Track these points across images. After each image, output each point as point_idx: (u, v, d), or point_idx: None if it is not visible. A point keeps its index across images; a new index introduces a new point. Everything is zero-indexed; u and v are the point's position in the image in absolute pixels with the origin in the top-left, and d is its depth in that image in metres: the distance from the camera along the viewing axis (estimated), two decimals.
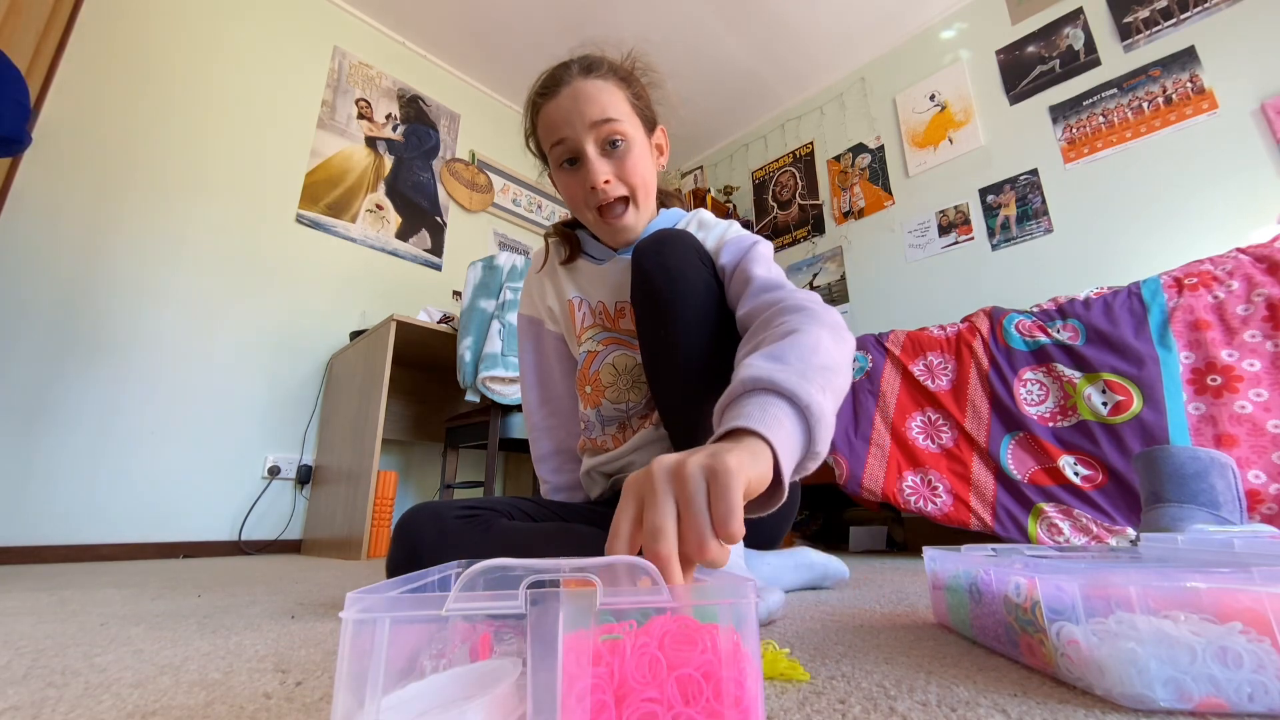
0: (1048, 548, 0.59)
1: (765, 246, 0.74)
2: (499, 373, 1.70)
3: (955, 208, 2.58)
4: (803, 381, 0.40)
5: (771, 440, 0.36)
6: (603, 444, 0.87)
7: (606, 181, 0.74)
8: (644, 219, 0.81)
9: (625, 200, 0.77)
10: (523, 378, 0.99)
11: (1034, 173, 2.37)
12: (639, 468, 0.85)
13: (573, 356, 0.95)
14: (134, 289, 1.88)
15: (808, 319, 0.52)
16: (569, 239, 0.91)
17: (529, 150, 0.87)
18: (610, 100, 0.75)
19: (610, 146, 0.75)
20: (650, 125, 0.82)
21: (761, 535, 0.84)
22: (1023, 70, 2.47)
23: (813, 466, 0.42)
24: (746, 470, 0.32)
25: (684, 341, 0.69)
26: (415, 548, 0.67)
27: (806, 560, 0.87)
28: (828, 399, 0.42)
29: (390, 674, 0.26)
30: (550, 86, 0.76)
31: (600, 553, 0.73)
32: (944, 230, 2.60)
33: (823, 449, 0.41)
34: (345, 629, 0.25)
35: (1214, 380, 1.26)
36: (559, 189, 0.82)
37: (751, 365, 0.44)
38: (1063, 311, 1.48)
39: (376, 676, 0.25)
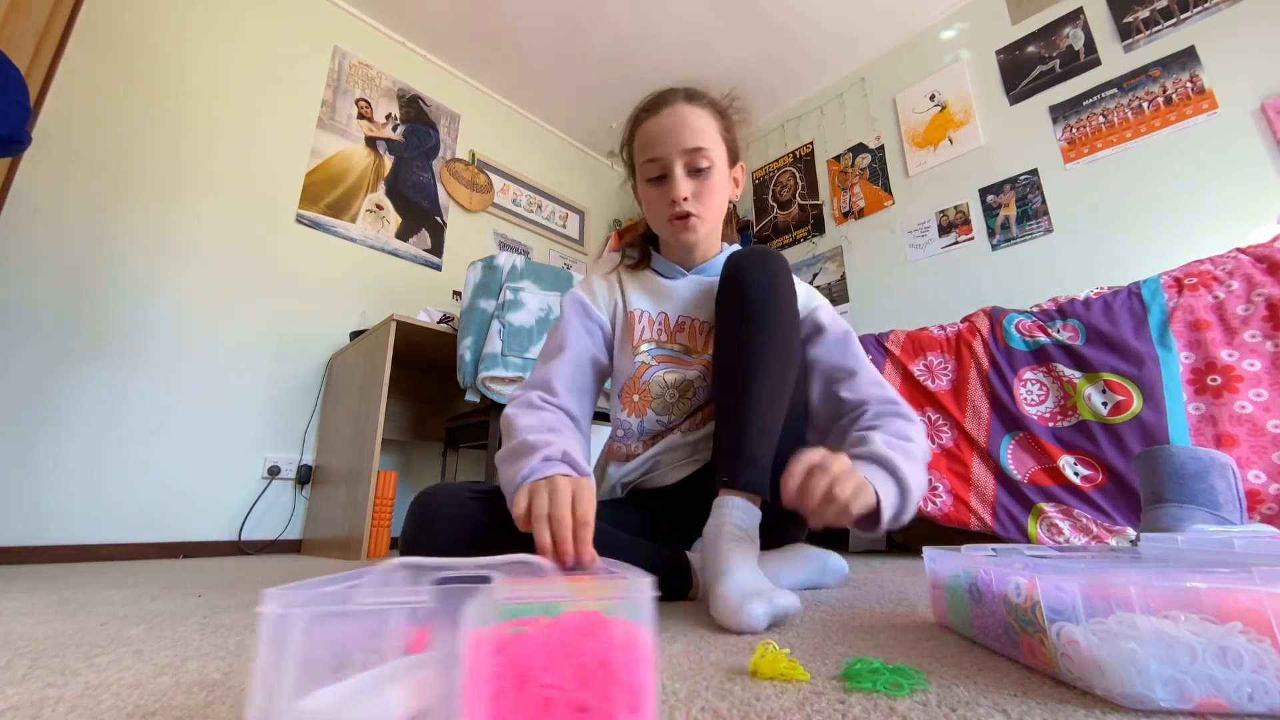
0: (1048, 548, 0.59)
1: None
2: (499, 373, 1.70)
3: (955, 208, 2.58)
4: (910, 466, 0.71)
5: (881, 495, 0.66)
6: (635, 451, 0.90)
7: (685, 199, 0.83)
8: (708, 237, 0.90)
9: (694, 215, 0.85)
10: (553, 334, 0.91)
11: (1034, 173, 2.37)
12: (666, 468, 0.89)
13: (607, 362, 0.94)
14: (134, 289, 1.88)
15: (915, 430, 0.78)
16: (643, 247, 0.98)
17: (620, 158, 0.96)
18: (704, 128, 0.83)
19: (696, 171, 0.83)
20: (733, 159, 0.90)
21: (779, 537, 0.85)
22: (1023, 70, 2.47)
23: (906, 518, 0.70)
24: (862, 496, 0.63)
25: (767, 345, 0.74)
26: (431, 523, 0.68)
27: (804, 556, 0.87)
28: (917, 482, 0.71)
29: (319, 671, 0.26)
30: (655, 105, 0.85)
31: (601, 542, 0.74)
32: (944, 230, 2.60)
33: (909, 513, 0.70)
34: (264, 625, 0.26)
35: (1214, 380, 1.26)
36: (641, 199, 0.91)
37: (878, 442, 0.72)
38: (1063, 311, 1.48)
39: (291, 673, 0.25)
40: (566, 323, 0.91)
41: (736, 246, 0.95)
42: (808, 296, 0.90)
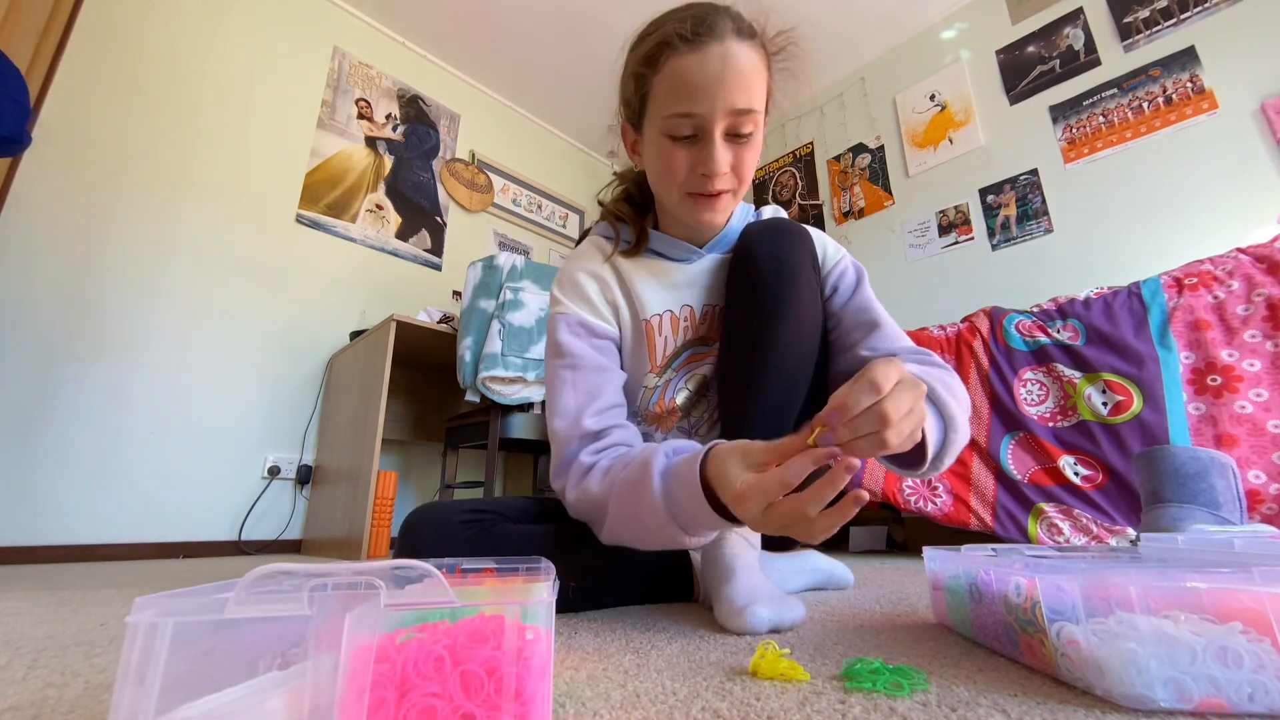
0: (1048, 548, 0.59)
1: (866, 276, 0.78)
2: (499, 373, 1.70)
3: (955, 208, 2.58)
4: (951, 400, 0.59)
5: (928, 433, 0.54)
6: None
7: (724, 173, 0.66)
8: (733, 211, 0.75)
9: (728, 192, 0.69)
10: (562, 396, 0.70)
11: (1034, 173, 2.37)
12: None
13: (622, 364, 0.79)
14: (134, 289, 1.88)
15: (953, 377, 0.64)
16: (638, 224, 0.77)
17: (622, 88, 0.72)
18: (757, 84, 0.64)
19: (737, 136, 0.65)
20: (768, 113, 0.71)
21: (778, 540, 0.84)
22: (1023, 70, 2.47)
23: (948, 460, 0.59)
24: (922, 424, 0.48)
25: (781, 341, 0.65)
26: (418, 551, 0.68)
27: (813, 565, 0.87)
28: (962, 419, 0.60)
29: (193, 683, 0.25)
30: (700, 33, 0.62)
31: (598, 549, 0.73)
32: (944, 230, 2.60)
33: (953, 453, 0.59)
34: (129, 634, 0.25)
35: (1214, 380, 1.26)
36: (650, 152, 0.70)
37: (912, 368, 0.56)
38: (1063, 311, 1.48)
39: (157, 685, 0.24)
40: (575, 355, 0.71)
41: (750, 207, 0.81)
42: (833, 252, 0.77)
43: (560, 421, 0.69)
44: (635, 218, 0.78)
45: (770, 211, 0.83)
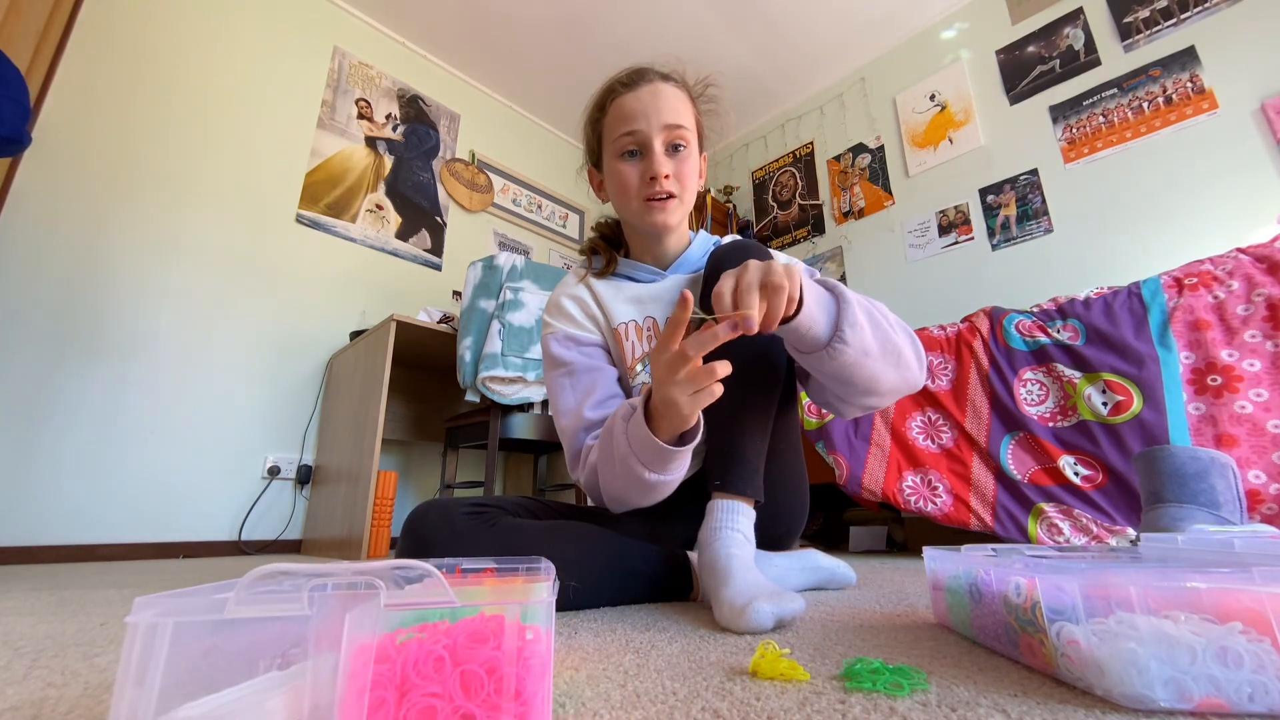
0: (1048, 548, 0.59)
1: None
2: (499, 373, 1.70)
3: (955, 208, 2.58)
4: (848, 292, 0.65)
5: (806, 295, 0.60)
6: None
7: (666, 176, 0.80)
8: (681, 223, 0.87)
9: (674, 196, 0.83)
10: (563, 397, 0.84)
11: (1034, 173, 2.37)
12: None
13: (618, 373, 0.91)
14: (134, 289, 1.88)
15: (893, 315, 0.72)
16: (607, 252, 0.92)
17: (584, 136, 0.92)
18: (682, 108, 0.82)
19: (674, 149, 0.82)
20: (701, 145, 0.89)
21: (774, 536, 0.84)
22: (1023, 70, 2.47)
23: (854, 335, 0.64)
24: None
25: (754, 345, 0.71)
26: (424, 543, 0.68)
27: (814, 563, 0.87)
28: (863, 309, 0.68)
29: (193, 683, 0.25)
30: (634, 79, 0.83)
31: (599, 546, 0.74)
32: (944, 230, 2.60)
33: (858, 330, 0.65)
34: (129, 635, 0.25)
35: (1214, 380, 1.26)
36: (608, 177, 0.86)
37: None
38: (1063, 311, 1.48)
39: (156, 685, 0.24)
40: (568, 363, 0.84)
41: (704, 233, 0.93)
42: (787, 261, 0.89)
43: (565, 419, 0.82)
44: (607, 249, 0.93)
45: (705, 240, 0.94)
